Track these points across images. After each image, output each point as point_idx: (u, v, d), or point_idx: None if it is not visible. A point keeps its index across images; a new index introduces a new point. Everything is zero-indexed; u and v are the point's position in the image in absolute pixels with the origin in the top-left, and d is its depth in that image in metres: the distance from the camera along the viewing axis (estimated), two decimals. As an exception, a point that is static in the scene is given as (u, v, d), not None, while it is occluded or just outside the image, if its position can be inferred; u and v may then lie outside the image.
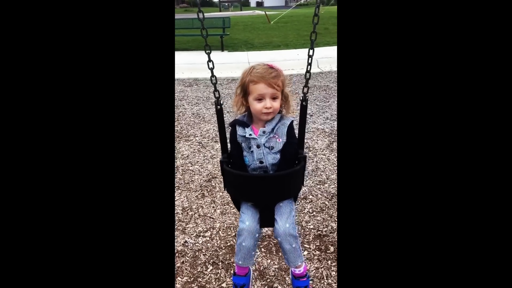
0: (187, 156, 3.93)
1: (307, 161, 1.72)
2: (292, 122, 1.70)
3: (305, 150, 1.66)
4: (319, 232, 2.65)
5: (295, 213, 1.84)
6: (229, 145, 1.78)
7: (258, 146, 1.66)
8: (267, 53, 9.35)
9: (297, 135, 1.72)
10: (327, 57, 8.04)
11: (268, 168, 1.69)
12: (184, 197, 3.17)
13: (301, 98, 1.60)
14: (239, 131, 1.70)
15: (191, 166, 3.77)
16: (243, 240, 1.74)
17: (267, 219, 1.70)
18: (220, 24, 9.94)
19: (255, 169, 1.70)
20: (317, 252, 2.48)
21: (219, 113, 1.70)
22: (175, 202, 3.05)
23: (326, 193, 3.12)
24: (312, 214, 2.88)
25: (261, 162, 1.68)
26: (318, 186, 3.25)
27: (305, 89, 1.57)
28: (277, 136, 1.66)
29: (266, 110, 1.59)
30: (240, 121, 1.70)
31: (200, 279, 2.26)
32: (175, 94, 6.14)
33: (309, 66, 1.49)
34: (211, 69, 1.56)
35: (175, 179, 3.41)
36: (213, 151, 4.02)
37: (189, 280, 2.26)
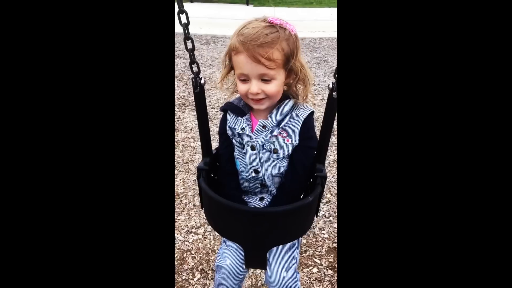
0: (191, 129, 3.36)
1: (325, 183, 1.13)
2: (311, 114, 1.12)
3: (326, 165, 1.14)
4: (335, 244, 2.09)
5: (298, 253, 1.31)
6: (214, 143, 1.26)
7: (253, 148, 1.12)
8: (296, 11, 8.51)
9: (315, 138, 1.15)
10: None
11: (266, 181, 1.17)
12: (180, 180, 2.69)
13: (330, 86, 0.96)
14: (230, 120, 1.17)
15: (193, 142, 3.14)
16: (222, 278, 1.29)
17: (256, 259, 1.20)
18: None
19: (247, 180, 1.20)
20: (330, 272, 1.92)
21: (199, 99, 1.10)
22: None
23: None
24: (328, 219, 2.29)
25: (256, 172, 1.16)
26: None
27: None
28: (285, 134, 1.11)
29: (252, 96, 1.04)
30: (234, 106, 1.17)
31: (183, 290, 1.91)
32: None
33: None
34: (184, 26, 0.95)
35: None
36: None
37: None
